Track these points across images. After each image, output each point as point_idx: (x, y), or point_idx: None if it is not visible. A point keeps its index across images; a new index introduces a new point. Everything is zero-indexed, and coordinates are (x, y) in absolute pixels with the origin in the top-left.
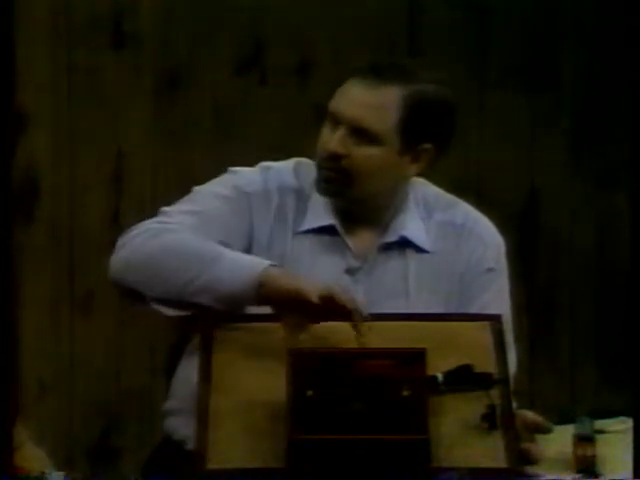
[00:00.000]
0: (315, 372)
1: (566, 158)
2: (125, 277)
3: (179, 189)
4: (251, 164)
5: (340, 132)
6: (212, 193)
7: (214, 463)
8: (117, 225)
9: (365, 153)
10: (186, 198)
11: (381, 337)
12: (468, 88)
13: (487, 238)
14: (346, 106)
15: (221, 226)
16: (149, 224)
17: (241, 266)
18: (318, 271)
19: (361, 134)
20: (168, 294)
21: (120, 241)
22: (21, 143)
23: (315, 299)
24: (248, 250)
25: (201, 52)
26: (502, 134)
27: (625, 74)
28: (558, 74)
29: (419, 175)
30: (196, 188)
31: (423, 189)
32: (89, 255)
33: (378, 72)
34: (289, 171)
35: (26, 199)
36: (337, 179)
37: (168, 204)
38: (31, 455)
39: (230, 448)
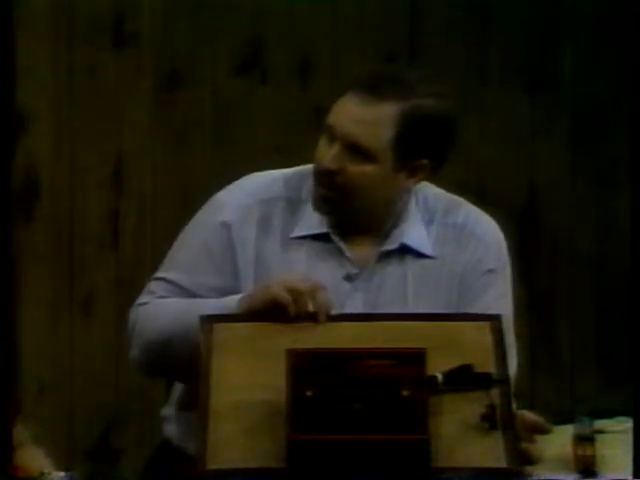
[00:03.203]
0: (315, 372)
1: (566, 158)
2: (147, 372)
3: (179, 189)
4: (251, 164)
5: (335, 148)
6: (193, 242)
7: (214, 463)
8: (117, 225)
9: (359, 170)
10: (168, 256)
11: (381, 337)
12: (468, 88)
13: (488, 238)
14: (342, 122)
15: (203, 277)
16: (135, 312)
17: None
18: (316, 277)
19: (355, 150)
20: (183, 368)
21: (129, 323)
22: (21, 143)
23: (287, 301)
24: (236, 275)
25: (201, 52)
26: (502, 134)
27: (625, 74)
28: (558, 74)
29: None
30: (178, 239)
31: (424, 191)
32: (89, 255)
33: (376, 87)
34: (279, 180)
35: (26, 199)
36: (332, 197)
37: (168, 204)
38: (31, 455)
39: (230, 448)
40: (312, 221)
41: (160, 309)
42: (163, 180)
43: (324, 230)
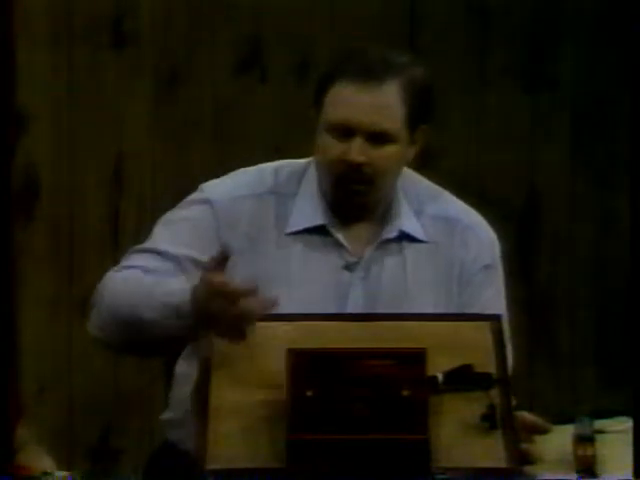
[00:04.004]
0: (315, 372)
1: (566, 158)
2: (105, 339)
3: (179, 189)
4: (251, 164)
5: (357, 141)
6: (174, 221)
7: (214, 463)
8: (117, 225)
9: (384, 154)
10: (152, 234)
11: (381, 337)
12: (468, 88)
13: (481, 234)
14: (358, 114)
15: (181, 255)
16: (107, 278)
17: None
18: (315, 269)
19: (377, 138)
20: (141, 344)
21: (94, 295)
22: (21, 143)
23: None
24: None
25: (201, 52)
26: (502, 134)
27: (625, 74)
28: (558, 74)
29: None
30: (161, 218)
31: (410, 178)
32: (89, 255)
33: (367, 71)
34: (267, 175)
35: (26, 199)
36: (363, 189)
37: (168, 204)
38: (33, 455)
39: (230, 448)
40: (306, 214)
41: (130, 287)
42: (163, 180)
43: (319, 222)
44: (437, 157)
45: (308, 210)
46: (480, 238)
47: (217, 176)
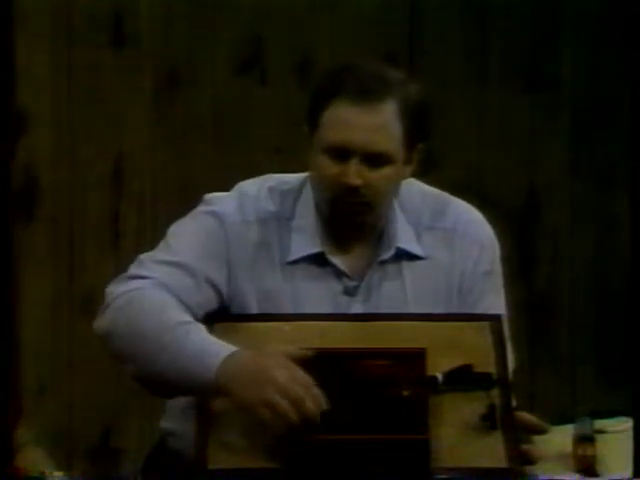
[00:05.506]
0: (315, 372)
1: (566, 158)
2: (109, 346)
3: (179, 189)
4: (251, 164)
5: (354, 163)
6: (188, 233)
7: (214, 463)
8: (117, 225)
9: (381, 176)
10: (162, 243)
11: (381, 337)
12: (468, 88)
13: (480, 238)
14: (356, 136)
15: (199, 269)
16: (126, 285)
17: (202, 354)
18: (316, 295)
19: (375, 159)
20: (143, 373)
21: (106, 297)
22: (21, 143)
23: (287, 410)
24: (229, 278)
25: (201, 52)
26: (502, 134)
27: (625, 74)
28: (558, 74)
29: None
30: (171, 228)
31: (407, 189)
32: (89, 255)
33: (367, 90)
34: (265, 197)
35: (26, 199)
36: (362, 210)
37: (168, 204)
38: (32, 456)
39: (230, 448)
40: (305, 241)
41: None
42: (163, 180)
43: (317, 250)
44: (437, 157)
45: (306, 237)
46: (479, 243)
47: (217, 176)
